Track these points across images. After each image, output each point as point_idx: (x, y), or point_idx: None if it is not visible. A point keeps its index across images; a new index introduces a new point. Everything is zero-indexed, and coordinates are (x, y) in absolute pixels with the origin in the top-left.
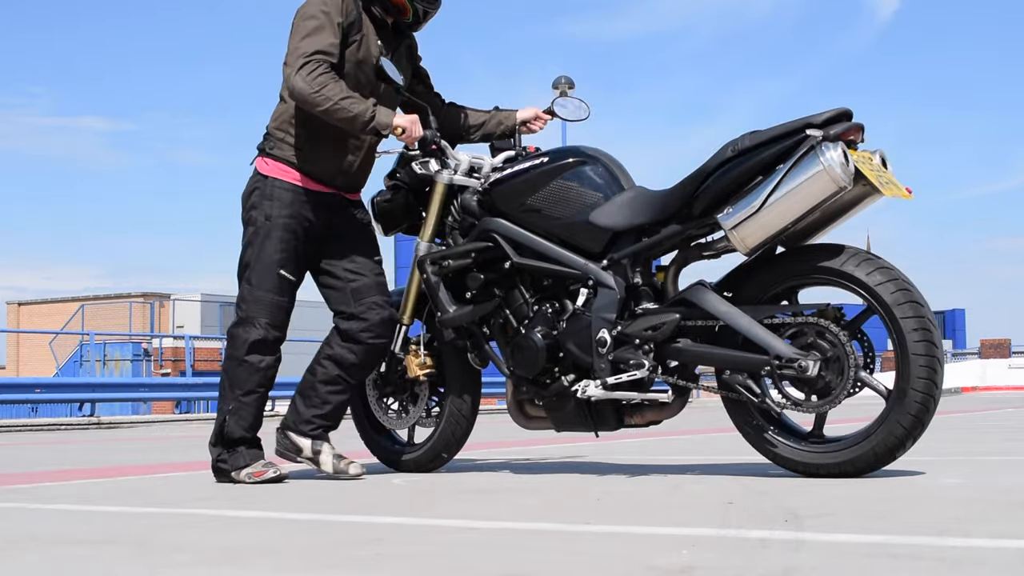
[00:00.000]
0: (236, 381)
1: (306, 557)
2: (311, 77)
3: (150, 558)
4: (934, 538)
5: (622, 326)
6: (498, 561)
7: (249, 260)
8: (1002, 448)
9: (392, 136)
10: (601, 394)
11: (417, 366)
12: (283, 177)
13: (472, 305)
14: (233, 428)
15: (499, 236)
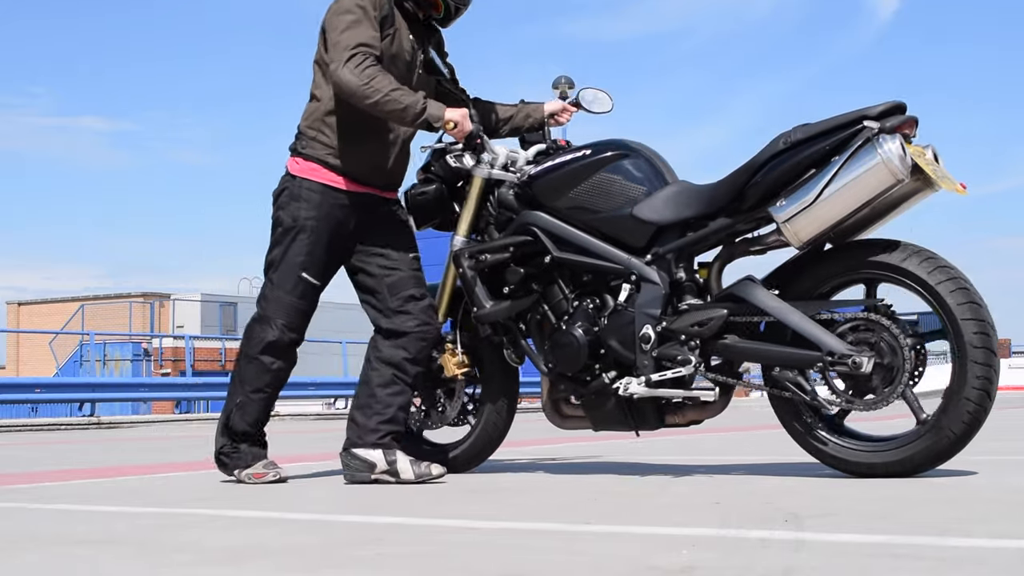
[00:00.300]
0: (246, 377)
1: (306, 557)
2: (359, 69)
3: (150, 558)
4: (935, 538)
5: (667, 322)
6: (498, 561)
7: (274, 259)
8: (1003, 448)
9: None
10: (644, 392)
11: (455, 365)
12: (314, 177)
13: (510, 300)
14: (237, 422)
15: (539, 230)
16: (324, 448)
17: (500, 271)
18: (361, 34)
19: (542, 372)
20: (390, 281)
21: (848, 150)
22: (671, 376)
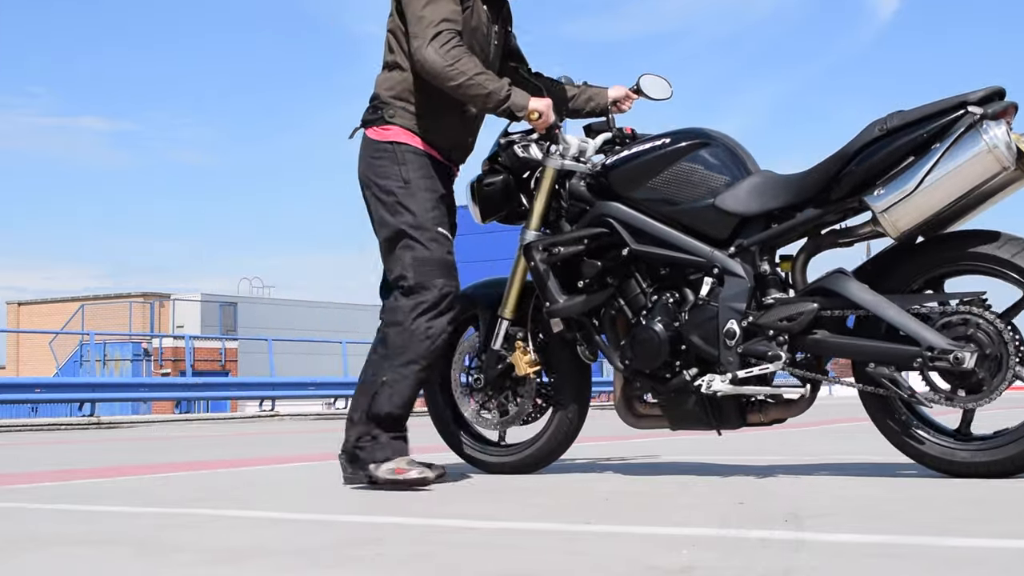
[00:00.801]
0: (395, 348)
1: (306, 557)
2: (444, 49)
3: (150, 558)
4: (935, 538)
5: (753, 317)
6: (498, 561)
7: (400, 227)
8: None
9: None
10: (728, 389)
11: (527, 363)
12: (411, 142)
13: (584, 295)
14: (383, 403)
15: (616, 221)
16: (324, 448)
17: (573, 265)
18: (443, 9)
19: (617, 369)
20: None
21: (950, 136)
22: (759, 372)
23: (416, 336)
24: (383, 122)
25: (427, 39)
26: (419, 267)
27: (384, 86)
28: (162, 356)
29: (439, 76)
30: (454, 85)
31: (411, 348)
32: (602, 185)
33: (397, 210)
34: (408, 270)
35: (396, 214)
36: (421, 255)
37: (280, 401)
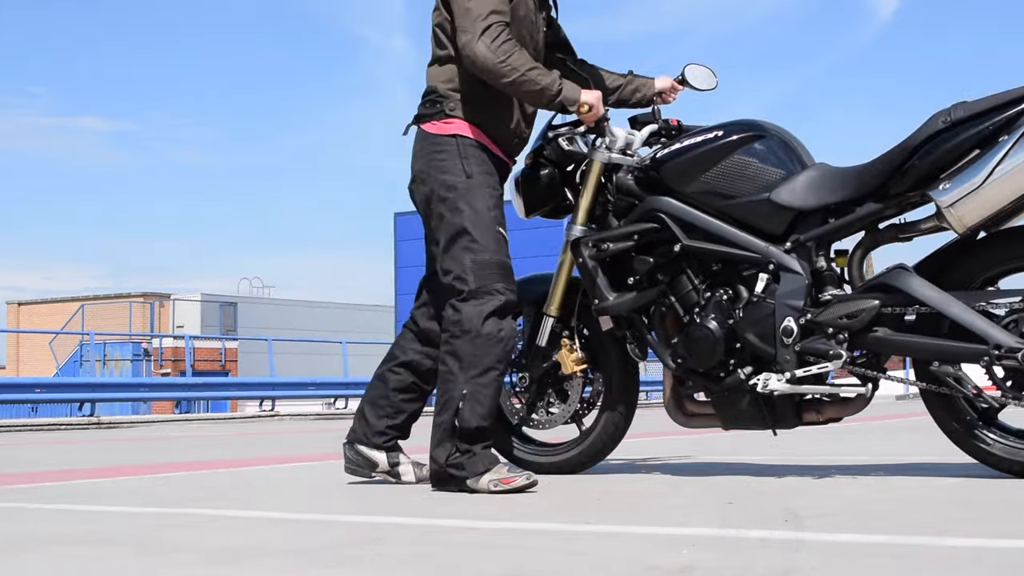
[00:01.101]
0: (469, 359)
1: (306, 557)
2: (496, 44)
3: (150, 558)
4: (934, 538)
5: (811, 314)
6: (498, 561)
7: (462, 225)
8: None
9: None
10: (785, 388)
11: (573, 362)
12: (472, 135)
13: (635, 292)
14: (469, 417)
15: (667, 216)
16: (324, 448)
17: (622, 261)
18: (491, 0)
19: (668, 368)
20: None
21: (1019, 129)
22: (817, 371)
23: (490, 341)
24: (443, 116)
25: (476, 33)
26: (479, 270)
27: (441, 79)
28: (162, 356)
29: (490, 73)
30: (507, 82)
31: (487, 355)
32: (652, 179)
33: (457, 207)
34: (468, 273)
35: (456, 211)
36: (481, 258)
37: (280, 401)
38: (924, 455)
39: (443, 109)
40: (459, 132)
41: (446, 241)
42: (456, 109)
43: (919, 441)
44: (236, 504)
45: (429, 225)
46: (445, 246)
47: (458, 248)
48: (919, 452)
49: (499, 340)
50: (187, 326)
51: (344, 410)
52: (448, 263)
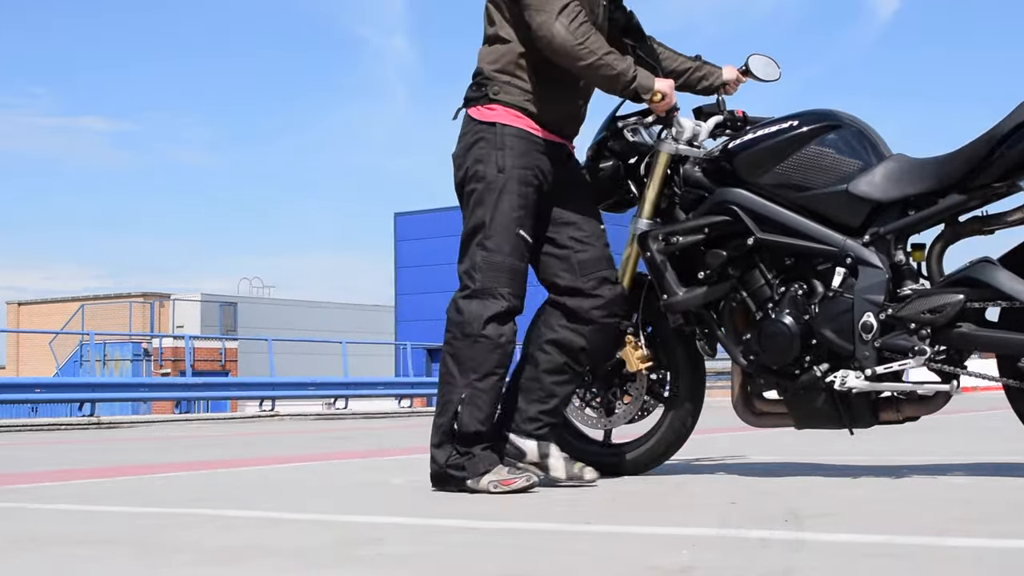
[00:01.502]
0: (470, 363)
1: (306, 557)
2: (574, 26)
3: (150, 558)
4: (934, 538)
5: (892, 309)
6: (498, 561)
7: (483, 220)
8: (1003, 448)
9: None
10: (864, 386)
11: (639, 359)
12: (515, 123)
13: (705, 287)
14: (468, 421)
15: (739, 208)
16: (324, 448)
17: (690, 255)
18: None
19: (740, 365)
20: (582, 257)
21: None
22: (899, 367)
23: (489, 346)
24: (487, 100)
25: (554, 13)
26: (488, 270)
27: (487, 60)
28: (162, 356)
29: (567, 54)
30: (583, 65)
31: (486, 360)
32: (723, 170)
33: (483, 201)
34: (477, 271)
35: (480, 205)
36: (493, 259)
37: (280, 401)
38: (925, 455)
39: (487, 93)
40: (500, 119)
41: (465, 233)
42: (500, 93)
43: (919, 441)
44: (236, 504)
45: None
46: (464, 237)
47: (473, 243)
48: (920, 452)
49: (499, 345)
50: (187, 326)
51: (344, 410)
52: (463, 254)
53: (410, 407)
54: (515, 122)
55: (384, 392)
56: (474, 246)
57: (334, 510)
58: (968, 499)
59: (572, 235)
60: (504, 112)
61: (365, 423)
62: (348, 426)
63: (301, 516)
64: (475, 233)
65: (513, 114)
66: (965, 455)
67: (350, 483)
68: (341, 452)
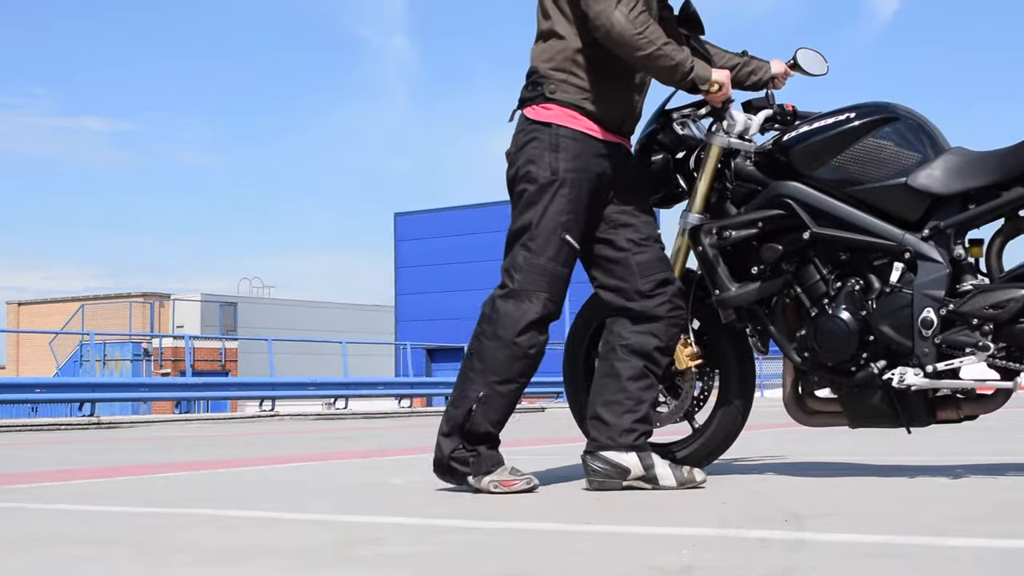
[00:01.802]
0: (495, 365)
1: (306, 557)
2: (633, 15)
3: (150, 558)
4: (934, 538)
5: (953, 304)
6: (498, 561)
7: (530, 222)
8: (1003, 448)
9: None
10: (924, 383)
11: (688, 356)
12: (571, 124)
13: (759, 282)
14: (480, 421)
15: (795, 202)
16: (324, 448)
17: (741, 250)
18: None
19: (793, 362)
20: (641, 259)
21: None
22: (959, 364)
23: (517, 354)
24: (543, 100)
25: (612, 2)
26: (528, 272)
27: (542, 58)
28: (162, 356)
29: (626, 44)
30: (641, 55)
31: (512, 366)
32: (776, 164)
33: (533, 202)
34: (517, 271)
35: (530, 207)
36: (535, 261)
37: (280, 401)
38: (925, 455)
39: (543, 92)
40: (555, 120)
41: (511, 231)
42: (556, 92)
43: (920, 441)
44: (236, 504)
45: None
46: (510, 235)
47: (518, 243)
48: (920, 452)
49: (527, 356)
50: (187, 326)
51: (344, 410)
52: (507, 252)
53: (410, 407)
54: (572, 123)
55: (384, 392)
56: (518, 246)
57: (334, 510)
58: (968, 499)
59: (629, 237)
60: (561, 112)
61: (365, 423)
62: (348, 426)
63: (301, 516)
64: (521, 234)
65: (570, 114)
66: (965, 455)
67: (350, 483)
68: (341, 452)
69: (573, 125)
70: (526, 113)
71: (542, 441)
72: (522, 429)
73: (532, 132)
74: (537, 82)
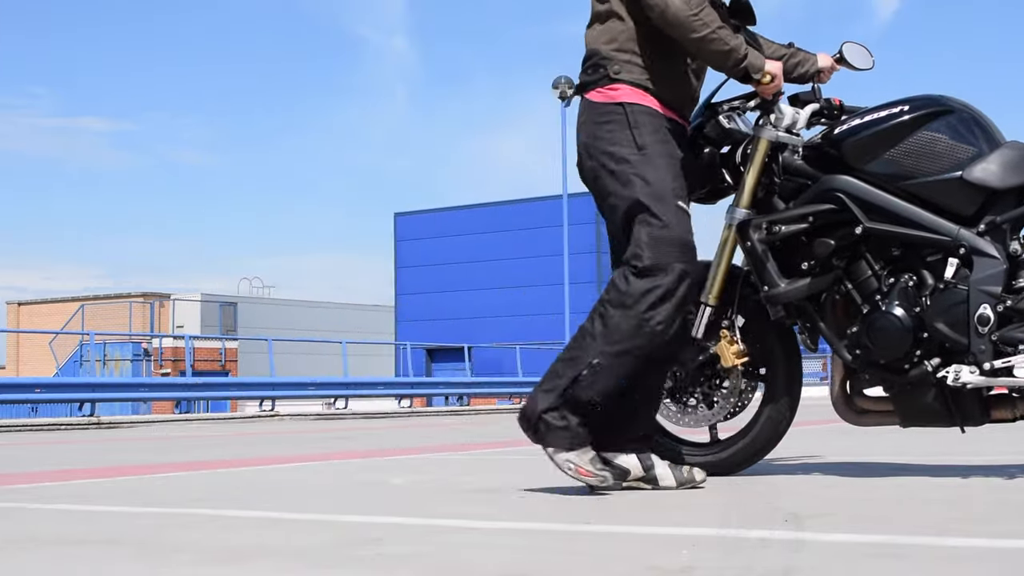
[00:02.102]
0: (616, 334)
1: (306, 557)
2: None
3: (150, 558)
4: (935, 538)
5: (1011, 301)
6: (498, 561)
7: (636, 199)
8: (1002, 448)
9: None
10: (980, 381)
11: (734, 354)
12: (642, 101)
13: (809, 278)
14: (587, 387)
15: (847, 196)
16: (324, 448)
17: (790, 246)
18: None
19: (844, 360)
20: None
21: None
22: (1013, 363)
23: (642, 327)
24: (608, 81)
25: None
26: (656, 246)
27: (602, 40)
28: (162, 356)
29: (681, 25)
30: (696, 38)
31: (633, 338)
32: (827, 158)
33: (631, 180)
34: (644, 248)
35: (629, 185)
36: (658, 233)
37: (280, 401)
38: (924, 455)
39: (607, 74)
40: (626, 99)
41: (622, 219)
42: (621, 72)
43: (920, 441)
44: (236, 504)
45: (600, 205)
46: (622, 225)
47: (636, 223)
48: (919, 452)
49: (653, 333)
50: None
51: (344, 410)
52: (623, 242)
53: (410, 407)
54: (642, 100)
55: (384, 392)
56: (636, 227)
57: (334, 510)
58: (967, 499)
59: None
60: (629, 91)
61: (365, 423)
62: (348, 426)
63: (301, 516)
64: (634, 213)
65: (639, 93)
66: (965, 455)
67: (350, 483)
68: (341, 452)
69: (644, 102)
70: (591, 98)
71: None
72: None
73: (604, 115)
74: (599, 64)
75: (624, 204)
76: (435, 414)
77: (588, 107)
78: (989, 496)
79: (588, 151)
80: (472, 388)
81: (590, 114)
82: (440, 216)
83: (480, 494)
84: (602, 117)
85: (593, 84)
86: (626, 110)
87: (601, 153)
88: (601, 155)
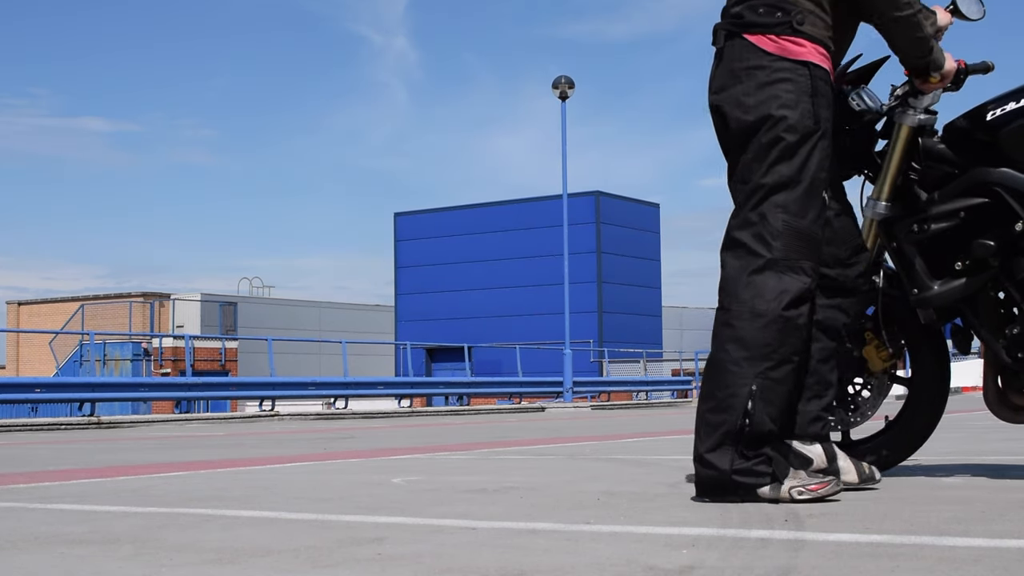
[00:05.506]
0: (763, 348)
1: (306, 557)
2: None
3: (150, 558)
4: (934, 538)
5: None
6: (498, 561)
7: (789, 178)
8: (1002, 448)
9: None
10: None
11: (882, 358)
12: (824, 64)
13: (963, 278)
14: (761, 419)
15: (1005, 191)
16: (324, 448)
17: (938, 243)
18: None
19: (1004, 363)
20: (839, 224)
21: None
22: None
23: (788, 328)
24: (790, 31)
25: None
26: (791, 239)
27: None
28: (162, 356)
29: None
30: (899, 15)
31: (783, 344)
32: (975, 144)
33: (794, 157)
34: (776, 237)
35: (788, 161)
36: (797, 224)
37: (280, 401)
38: (924, 455)
39: (790, 21)
40: (811, 58)
41: (758, 186)
42: (805, 23)
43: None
44: (236, 504)
45: (740, 158)
46: (754, 190)
47: (772, 204)
48: (919, 452)
49: (799, 327)
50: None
51: (344, 410)
52: (752, 214)
53: (410, 407)
54: (824, 63)
55: (384, 392)
56: (773, 206)
57: (334, 510)
58: (967, 499)
59: (833, 197)
60: (813, 49)
61: (365, 423)
62: (348, 426)
63: (301, 516)
64: (776, 191)
65: (822, 53)
66: (964, 455)
67: (350, 483)
68: (341, 452)
69: (825, 65)
70: (763, 45)
71: (542, 441)
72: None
73: (781, 70)
74: (780, 6)
75: (773, 176)
76: (435, 414)
77: (756, 54)
78: (989, 496)
79: (750, 104)
80: (472, 388)
81: (758, 62)
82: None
83: (480, 494)
84: (779, 73)
85: (767, 28)
86: (811, 74)
87: (772, 112)
88: (771, 116)
